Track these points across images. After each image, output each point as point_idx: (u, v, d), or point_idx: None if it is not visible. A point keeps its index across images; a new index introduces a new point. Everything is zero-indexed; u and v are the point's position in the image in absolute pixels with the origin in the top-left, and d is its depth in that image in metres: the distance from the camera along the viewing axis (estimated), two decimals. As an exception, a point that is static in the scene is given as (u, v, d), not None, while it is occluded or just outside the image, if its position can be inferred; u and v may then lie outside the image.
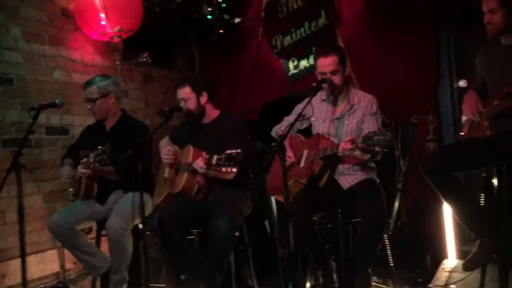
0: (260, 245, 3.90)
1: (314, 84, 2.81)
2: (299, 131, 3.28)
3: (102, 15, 3.80)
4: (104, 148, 2.90)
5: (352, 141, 2.57)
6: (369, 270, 2.74)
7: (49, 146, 3.78)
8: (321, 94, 3.06)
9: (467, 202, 2.60)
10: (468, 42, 3.85)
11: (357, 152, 2.60)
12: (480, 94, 2.65)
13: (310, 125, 3.19)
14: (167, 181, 3.27)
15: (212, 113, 3.29)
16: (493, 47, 2.63)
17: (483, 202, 2.72)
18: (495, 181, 2.58)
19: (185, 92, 3.21)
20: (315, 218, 2.90)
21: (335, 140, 2.91)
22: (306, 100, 3.00)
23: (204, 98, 3.24)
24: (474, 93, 2.64)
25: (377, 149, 2.73)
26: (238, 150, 2.56)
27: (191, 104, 3.21)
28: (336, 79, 2.89)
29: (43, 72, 3.78)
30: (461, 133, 2.81)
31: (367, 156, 2.72)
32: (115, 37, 3.98)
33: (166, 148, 3.27)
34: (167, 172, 3.32)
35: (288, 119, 3.28)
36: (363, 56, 4.07)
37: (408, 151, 4.02)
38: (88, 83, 3.35)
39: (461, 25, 3.80)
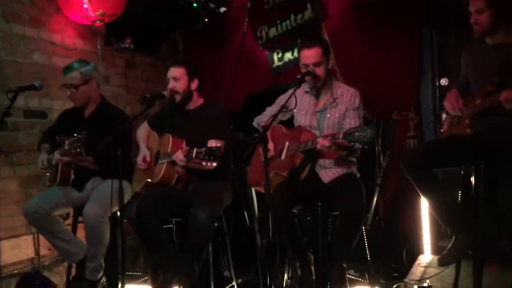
0: (239, 236, 3.91)
1: (298, 76, 2.80)
2: (280, 122, 3.27)
3: (85, -2, 3.73)
4: (79, 136, 2.85)
5: (333, 136, 2.57)
6: (344, 264, 2.76)
7: (26, 130, 3.71)
8: (305, 87, 3.05)
9: (444, 198, 2.63)
10: (451, 40, 3.89)
11: (333, 148, 2.60)
12: (462, 92, 2.68)
13: (293, 117, 3.18)
14: (146, 169, 3.23)
15: (197, 101, 3.25)
16: (478, 46, 2.66)
17: (460, 199, 2.76)
18: (472, 179, 2.62)
19: (179, 72, 3.14)
20: (295, 211, 2.90)
21: (317, 133, 2.91)
22: (290, 91, 2.99)
23: (194, 84, 3.19)
24: (455, 91, 2.67)
25: (356, 146, 2.73)
26: (219, 145, 2.56)
27: (181, 85, 3.14)
28: (319, 71, 2.89)
29: (22, 54, 3.70)
30: (441, 130, 2.84)
31: (344, 153, 2.73)
32: (98, 21, 3.91)
33: (141, 156, 3.20)
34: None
35: (271, 110, 3.27)
36: (347, 51, 4.09)
37: (389, 147, 4.06)
38: (69, 68, 3.25)
39: (445, 23, 3.83)
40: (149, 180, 3.11)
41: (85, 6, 3.77)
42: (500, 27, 2.51)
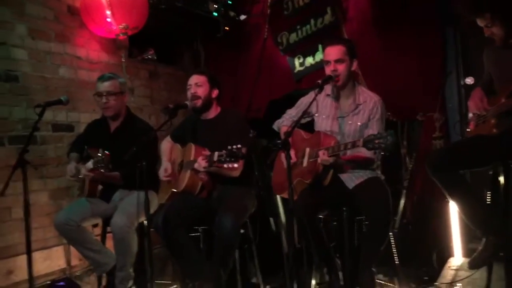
0: (265, 242, 3.90)
1: (319, 81, 2.78)
2: (300, 126, 3.25)
3: (108, 12, 3.82)
4: (103, 157, 2.91)
5: (332, 150, 2.64)
6: (373, 269, 2.73)
7: (55, 143, 3.80)
8: (327, 89, 3.02)
9: (473, 200, 2.58)
10: (475, 38, 3.81)
11: (340, 162, 2.66)
12: (487, 90, 2.63)
13: (312, 120, 3.16)
14: (170, 181, 3.27)
15: (215, 110, 3.29)
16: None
17: (489, 200, 2.70)
18: (501, 179, 2.56)
19: (201, 79, 3.20)
20: (320, 216, 2.88)
21: (338, 138, 2.89)
22: (311, 94, 2.98)
23: (215, 93, 3.24)
24: (480, 90, 2.62)
25: (369, 156, 2.77)
26: (239, 146, 2.56)
27: (203, 91, 3.18)
28: (340, 68, 2.86)
29: (49, 69, 3.80)
30: (467, 130, 2.79)
31: (352, 165, 2.75)
32: (121, 34, 4.00)
33: (162, 168, 3.25)
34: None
35: (291, 113, 3.26)
36: (369, 54, 4.04)
37: (414, 149, 4.00)
38: (106, 77, 3.33)
39: (468, 22, 3.76)
40: (174, 190, 3.14)
41: (108, 20, 3.86)
42: None
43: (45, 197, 3.71)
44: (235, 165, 2.60)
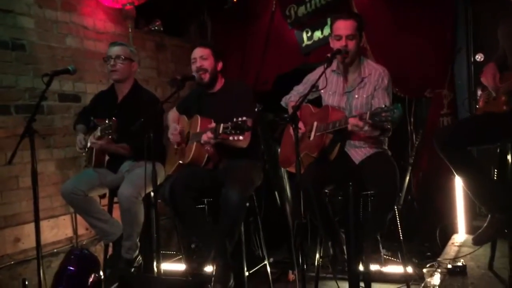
0: (271, 215, 3.94)
1: (328, 55, 2.75)
2: (308, 101, 3.23)
3: (115, -19, 3.77)
4: (110, 123, 2.92)
5: (361, 116, 2.52)
6: (378, 237, 2.75)
7: (61, 113, 3.80)
8: (332, 65, 2.96)
9: (480, 177, 2.58)
10: (486, 15, 3.76)
11: (366, 128, 2.53)
12: (501, 66, 2.58)
13: (320, 96, 3.14)
14: (177, 151, 3.28)
15: (220, 82, 3.27)
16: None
17: (496, 177, 2.70)
18: (509, 157, 2.56)
19: (206, 51, 3.16)
20: (326, 190, 2.89)
21: (346, 113, 2.87)
22: (319, 69, 2.95)
23: (219, 66, 3.21)
24: (493, 66, 2.56)
25: (387, 126, 2.66)
26: (244, 118, 2.55)
27: (209, 64, 3.15)
28: (351, 45, 2.81)
29: (56, 38, 3.77)
30: (476, 106, 2.77)
31: (377, 133, 2.67)
32: (128, 4, 3.96)
33: (171, 129, 3.25)
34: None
35: (298, 89, 3.24)
36: (378, 28, 3.99)
37: (421, 126, 3.99)
38: (118, 43, 3.38)
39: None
40: (181, 161, 3.15)
41: (115, -11, 3.81)
42: None
43: (52, 167, 3.72)
44: (241, 137, 2.59)
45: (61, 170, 3.78)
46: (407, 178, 3.92)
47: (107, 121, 2.95)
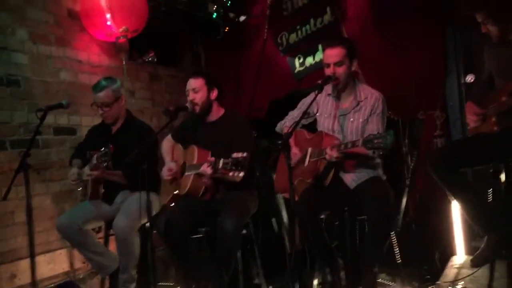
0: (268, 243, 3.91)
1: (319, 82, 2.79)
2: (303, 126, 3.26)
3: (108, 16, 3.83)
4: (107, 150, 2.91)
5: (338, 147, 2.59)
6: (375, 269, 2.73)
7: (57, 147, 3.82)
8: (327, 89, 3.02)
9: (474, 198, 2.58)
10: (475, 37, 3.81)
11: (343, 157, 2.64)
12: (488, 87, 2.65)
13: (315, 120, 3.17)
14: (173, 181, 3.28)
15: (218, 111, 3.25)
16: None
17: (490, 198, 2.70)
18: (502, 177, 2.56)
19: (198, 83, 3.14)
20: (322, 216, 2.89)
21: (340, 137, 2.89)
22: (311, 95, 2.98)
23: (214, 94, 3.19)
24: (470, 104, 2.67)
25: (371, 155, 2.76)
26: (245, 154, 2.55)
27: (200, 96, 3.14)
28: (340, 71, 2.86)
29: (50, 73, 3.82)
30: (468, 127, 2.79)
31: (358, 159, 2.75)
32: (121, 37, 4.01)
33: (166, 167, 3.23)
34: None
35: (293, 114, 3.27)
36: (369, 52, 4.04)
37: (416, 147, 4.00)
38: (99, 87, 3.29)
39: (468, 20, 3.76)
40: (176, 192, 3.15)
41: (108, 23, 3.86)
42: None
43: (48, 201, 3.72)
44: (241, 174, 2.59)
45: (57, 204, 3.77)
46: (404, 200, 3.91)
47: (103, 149, 2.95)
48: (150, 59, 4.67)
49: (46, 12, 3.82)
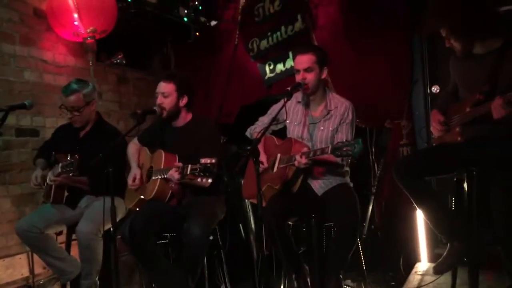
0: (235, 249, 3.88)
1: (288, 88, 2.80)
2: (273, 132, 3.26)
3: (75, 15, 3.76)
4: (72, 160, 2.85)
5: (307, 154, 2.62)
6: (340, 276, 2.74)
7: (18, 148, 3.71)
8: (297, 96, 3.05)
9: (437, 206, 2.62)
10: (441, 48, 3.89)
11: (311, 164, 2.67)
12: (453, 98, 2.71)
13: (285, 127, 3.17)
14: (138, 187, 3.21)
15: (185, 117, 3.20)
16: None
17: (453, 206, 2.76)
18: (465, 186, 2.62)
19: (169, 88, 3.07)
20: (289, 222, 2.89)
21: (309, 145, 2.91)
22: (281, 102, 2.99)
23: (183, 101, 3.12)
24: (435, 112, 2.71)
25: (340, 163, 2.81)
26: (213, 161, 2.53)
27: (169, 102, 3.07)
28: (309, 77, 2.88)
29: (13, 72, 3.71)
30: (433, 137, 2.84)
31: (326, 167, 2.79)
32: (89, 38, 3.92)
33: (131, 178, 3.15)
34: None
35: (263, 120, 3.27)
36: (338, 60, 4.08)
37: (382, 156, 4.06)
38: (70, 90, 3.19)
39: (435, 32, 3.85)
40: (142, 196, 3.09)
41: (76, 23, 3.78)
42: (477, 43, 2.52)
43: (7, 204, 3.60)
44: (209, 180, 2.57)
45: (17, 207, 3.66)
46: (370, 207, 3.96)
47: (69, 158, 2.88)
48: (118, 61, 4.60)
49: (10, 10, 3.71)
